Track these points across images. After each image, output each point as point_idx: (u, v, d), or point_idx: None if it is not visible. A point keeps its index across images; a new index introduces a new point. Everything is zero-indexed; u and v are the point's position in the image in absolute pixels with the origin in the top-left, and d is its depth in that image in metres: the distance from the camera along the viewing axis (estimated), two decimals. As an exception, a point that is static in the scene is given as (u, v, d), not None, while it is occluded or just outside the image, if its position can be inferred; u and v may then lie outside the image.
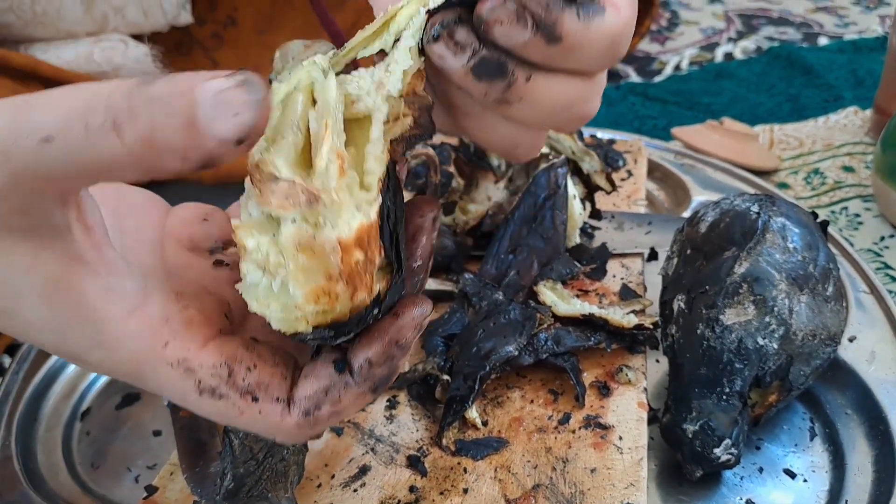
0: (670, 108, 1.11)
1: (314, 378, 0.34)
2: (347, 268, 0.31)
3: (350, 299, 0.32)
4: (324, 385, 0.34)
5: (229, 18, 0.84)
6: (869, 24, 1.38)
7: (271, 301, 0.32)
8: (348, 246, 0.31)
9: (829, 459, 0.57)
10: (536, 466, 0.54)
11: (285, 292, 0.32)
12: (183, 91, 0.27)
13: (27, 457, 0.59)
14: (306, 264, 0.31)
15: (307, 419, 0.34)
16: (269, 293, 0.32)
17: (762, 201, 0.58)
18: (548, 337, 0.60)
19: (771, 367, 0.54)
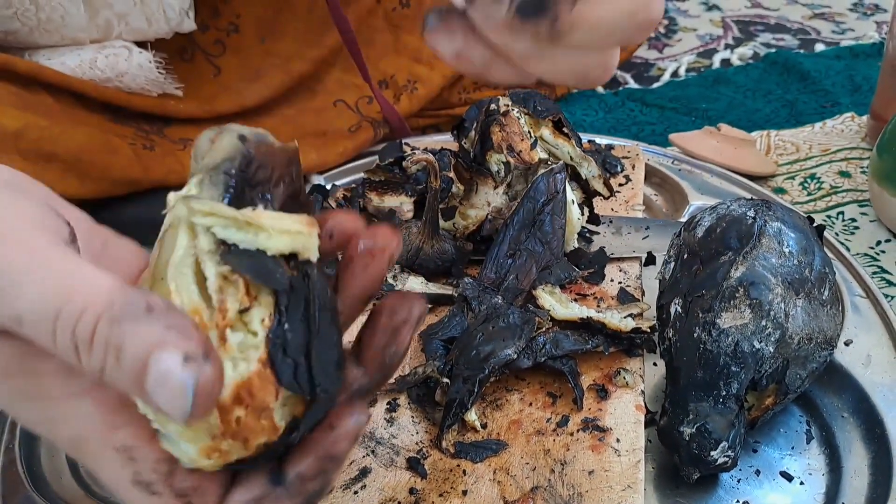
0: (668, 113, 1.11)
1: (247, 487, 0.34)
2: (229, 427, 0.32)
3: (244, 448, 0.33)
4: (255, 496, 0.34)
5: (232, 25, 0.85)
6: (865, 31, 1.38)
7: (175, 448, 0.33)
8: (224, 406, 0.32)
9: (826, 462, 0.57)
10: (535, 469, 0.54)
11: (180, 447, 0.33)
12: (138, 355, 0.29)
13: (31, 460, 0.59)
14: (189, 427, 0.32)
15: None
16: (173, 443, 0.33)
17: (758, 206, 0.58)
18: (546, 340, 0.60)
19: (767, 371, 0.54)
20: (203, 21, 0.82)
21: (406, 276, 0.70)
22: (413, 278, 0.70)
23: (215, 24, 0.84)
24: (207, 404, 0.29)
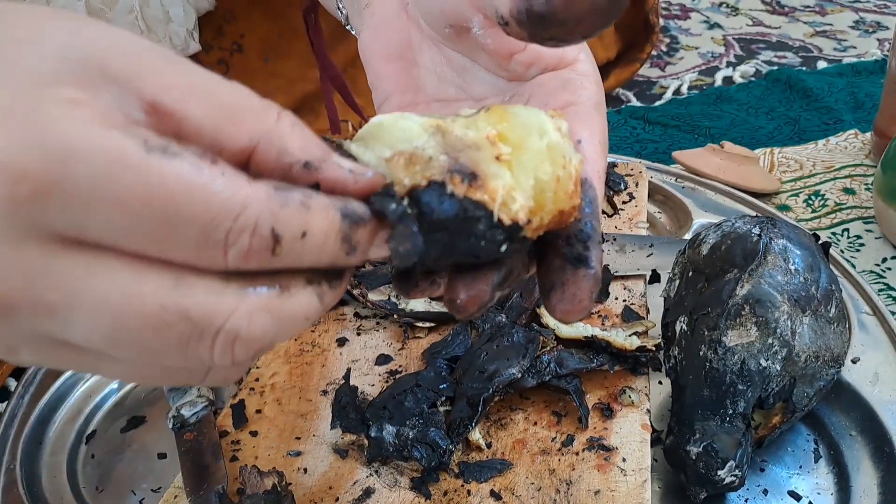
0: (671, 131, 1.11)
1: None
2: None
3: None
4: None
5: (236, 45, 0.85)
6: (867, 48, 1.39)
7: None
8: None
9: (834, 481, 0.57)
10: (540, 489, 0.54)
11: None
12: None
13: (32, 480, 0.59)
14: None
15: (278, 193, 0.29)
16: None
17: (763, 223, 0.58)
18: (551, 359, 0.60)
19: (774, 389, 0.54)
20: (207, 41, 0.82)
21: (409, 294, 0.69)
22: (416, 297, 0.69)
23: (219, 43, 0.84)
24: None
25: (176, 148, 0.27)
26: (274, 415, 0.61)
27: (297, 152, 0.30)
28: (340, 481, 0.55)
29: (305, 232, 0.29)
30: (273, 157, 0.30)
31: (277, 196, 0.29)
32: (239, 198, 0.28)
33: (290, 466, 0.56)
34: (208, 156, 0.28)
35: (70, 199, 0.27)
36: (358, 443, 0.57)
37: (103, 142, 0.27)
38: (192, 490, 0.54)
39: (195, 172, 0.27)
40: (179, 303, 0.29)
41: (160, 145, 0.27)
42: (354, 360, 0.66)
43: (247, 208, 0.28)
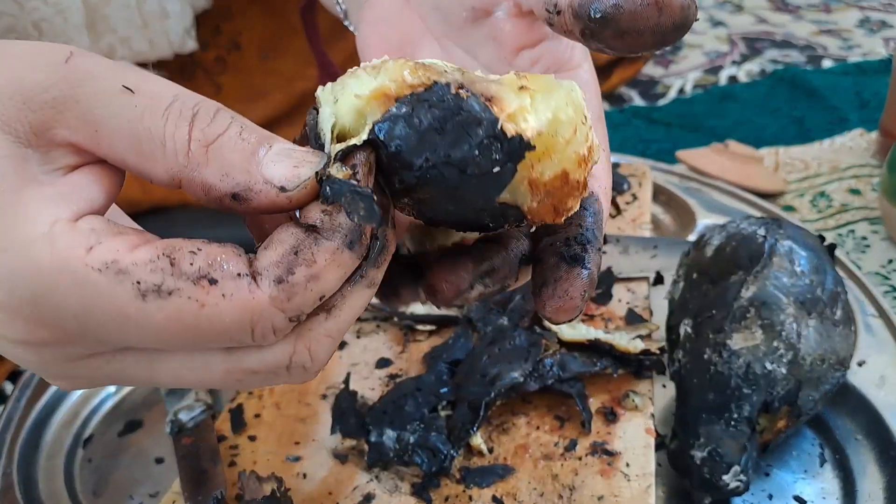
0: (675, 131, 1.11)
1: (276, 243, 0.29)
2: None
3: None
4: (290, 246, 0.29)
5: (233, 43, 0.85)
6: (873, 47, 1.38)
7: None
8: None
9: (840, 486, 0.56)
10: (543, 494, 0.53)
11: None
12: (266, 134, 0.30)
13: (29, 485, 0.59)
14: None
15: (281, 289, 0.28)
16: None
17: (769, 224, 0.58)
18: (553, 363, 0.59)
19: (779, 393, 0.53)
20: (204, 39, 0.82)
21: (410, 296, 0.69)
22: (417, 299, 0.69)
23: (216, 41, 0.84)
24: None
25: (170, 280, 0.28)
26: (273, 419, 0.60)
27: (219, 185, 0.29)
28: (340, 487, 0.54)
29: (323, 295, 0.30)
30: (202, 196, 0.30)
31: (283, 292, 0.29)
32: (247, 317, 0.29)
33: (289, 472, 0.56)
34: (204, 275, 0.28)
35: (98, 342, 0.30)
36: (358, 448, 0.57)
37: (99, 300, 0.28)
38: (190, 495, 0.53)
39: (196, 308, 0.28)
40: (240, 365, 0.31)
41: (153, 285, 0.28)
42: (354, 363, 0.65)
43: (259, 321, 0.29)
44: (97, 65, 0.29)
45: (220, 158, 0.29)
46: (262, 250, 0.29)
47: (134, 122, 0.29)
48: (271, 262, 0.29)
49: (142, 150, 0.29)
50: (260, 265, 0.29)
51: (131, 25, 0.74)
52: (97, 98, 0.29)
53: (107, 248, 0.28)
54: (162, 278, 0.28)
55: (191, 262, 0.28)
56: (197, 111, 0.29)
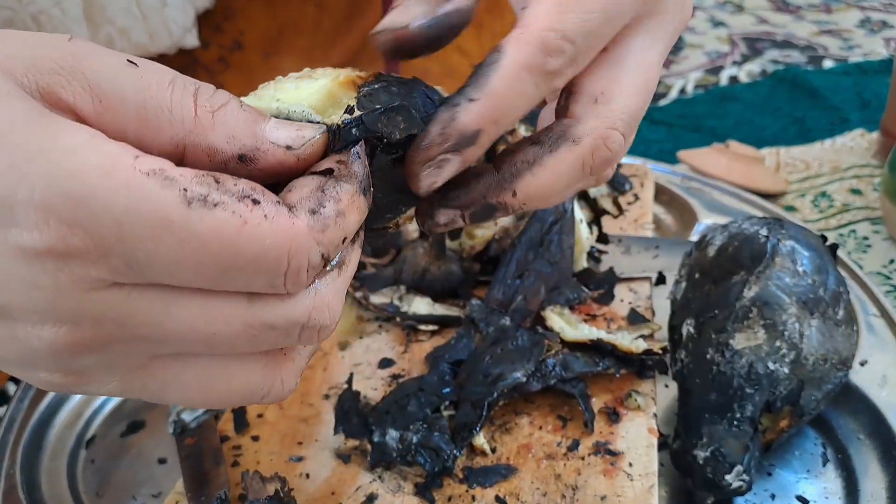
0: (676, 131, 1.11)
1: (300, 186, 0.30)
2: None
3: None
4: (315, 185, 0.30)
5: (235, 42, 0.84)
6: (874, 47, 1.38)
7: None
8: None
9: (843, 486, 0.56)
10: (546, 494, 0.53)
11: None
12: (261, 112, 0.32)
13: (32, 486, 0.59)
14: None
15: (316, 219, 0.29)
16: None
17: (771, 224, 0.58)
18: (556, 363, 0.59)
19: (782, 392, 0.53)
20: (205, 38, 0.82)
21: (412, 297, 0.69)
22: (419, 299, 0.69)
23: (218, 40, 0.84)
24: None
25: (216, 194, 0.28)
26: (276, 419, 0.60)
27: (226, 147, 0.30)
28: (343, 487, 0.55)
29: (345, 237, 0.31)
30: (205, 160, 0.30)
31: (318, 223, 0.29)
32: (286, 242, 0.29)
33: (292, 472, 0.56)
34: (248, 195, 0.28)
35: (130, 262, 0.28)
36: (361, 448, 0.57)
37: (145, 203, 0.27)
38: (193, 496, 0.53)
39: (239, 223, 0.28)
40: (260, 318, 0.30)
41: (199, 194, 0.28)
42: (357, 363, 0.65)
43: (297, 252, 0.29)
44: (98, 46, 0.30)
45: (226, 124, 0.30)
46: (287, 193, 0.30)
47: (140, 92, 0.29)
48: (302, 196, 0.30)
49: (147, 119, 0.29)
50: (290, 198, 0.30)
51: (129, 16, 0.74)
52: (103, 70, 0.29)
53: (153, 158, 0.28)
54: (208, 190, 0.28)
55: (234, 183, 0.29)
56: (198, 87, 0.30)
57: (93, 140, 0.27)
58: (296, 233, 0.29)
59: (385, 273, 0.72)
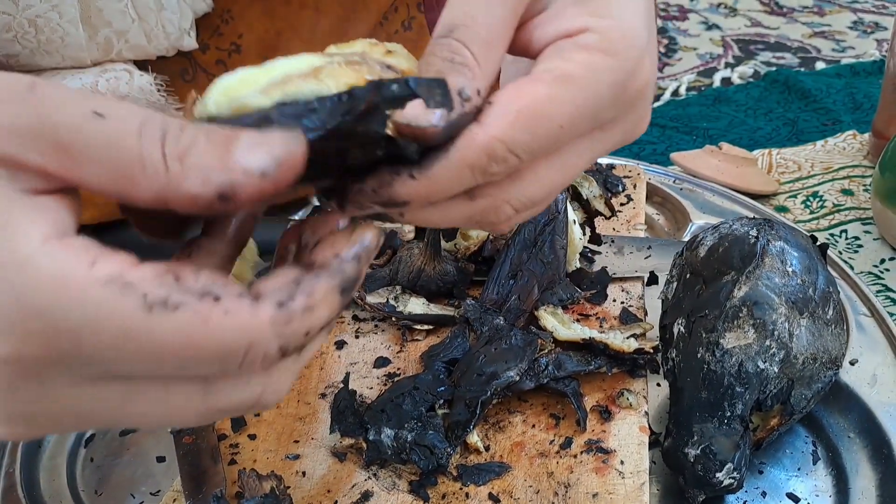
0: (669, 132, 1.12)
1: (278, 274, 0.30)
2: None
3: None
4: (293, 277, 0.30)
5: (234, 45, 0.85)
6: (866, 49, 1.39)
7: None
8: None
9: (833, 483, 0.57)
10: (538, 491, 0.54)
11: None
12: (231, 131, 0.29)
13: (31, 484, 0.59)
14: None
15: (282, 313, 0.29)
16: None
17: (761, 225, 0.58)
18: (549, 362, 0.60)
19: (772, 391, 0.54)
20: (204, 41, 0.82)
21: (407, 297, 0.69)
22: (414, 299, 0.69)
23: (217, 43, 0.84)
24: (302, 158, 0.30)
25: (176, 295, 0.28)
26: (272, 418, 0.61)
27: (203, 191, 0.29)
28: (339, 484, 0.55)
29: (308, 331, 0.30)
30: (193, 208, 0.29)
31: (282, 317, 0.29)
32: (245, 336, 0.29)
33: (288, 470, 0.56)
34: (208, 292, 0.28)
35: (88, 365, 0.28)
36: (356, 446, 0.57)
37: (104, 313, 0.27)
38: (191, 494, 0.54)
39: (199, 323, 0.28)
40: (214, 407, 0.31)
41: (159, 298, 0.27)
42: (353, 362, 0.66)
43: (254, 344, 0.29)
44: (63, 92, 0.29)
45: (196, 166, 0.29)
46: (262, 281, 0.30)
47: (109, 147, 0.28)
48: (274, 286, 0.29)
49: (122, 174, 0.28)
50: (262, 288, 0.29)
51: (126, 18, 0.74)
52: (69, 125, 0.28)
53: (109, 263, 0.28)
54: (168, 292, 0.28)
55: (195, 280, 0.28)
56: (166, 130, 0.29)
57: (45, 246, 0.27)
58: (256, 325, 0.29)
59: (381, 273, 0.72)
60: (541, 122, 0.36)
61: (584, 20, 0.38)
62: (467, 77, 0.36)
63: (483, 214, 0.38)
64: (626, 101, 0.40)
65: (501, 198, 0.38)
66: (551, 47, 0.38)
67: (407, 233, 0.75)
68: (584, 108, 0.37)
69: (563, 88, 0.37)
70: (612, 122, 0.40)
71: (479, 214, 0.38)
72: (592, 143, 0.40)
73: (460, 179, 0.35)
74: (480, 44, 0.37)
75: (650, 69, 0.41)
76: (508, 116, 0.35)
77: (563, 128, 0.37)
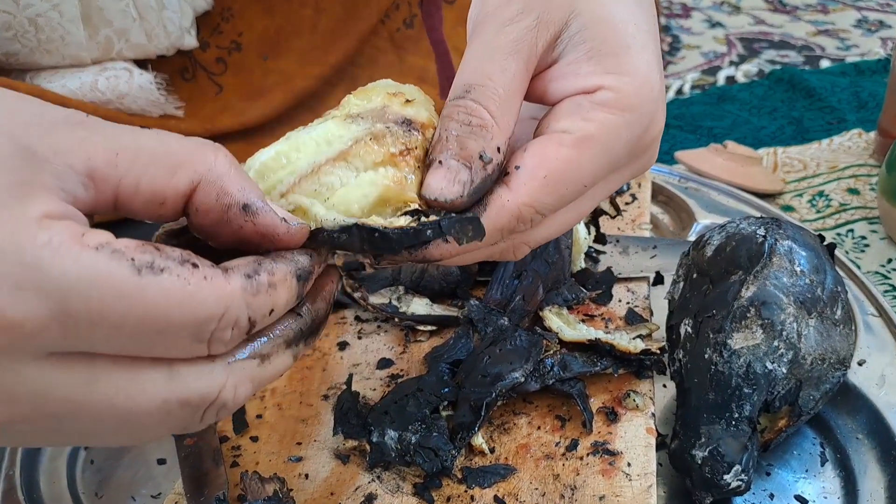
0: (673, 131, 1.11)
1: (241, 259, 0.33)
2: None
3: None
4: (254, 258, 0.34)
5: (234, 44, 0.85)
6: (871, 47, 1.38)
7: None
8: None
9: (841, 485, 0.56)
10: (544, 494, 0.53)
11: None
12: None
13: (31, 486, 0.59)
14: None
15: (250, 282, 0.32)
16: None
17: (768, 224, 0.58)
18: (554, 363, 0.59)
19: (780, 392, 0.53)
20: (204, 39, 0.82)
21: (411, 297, 0.69)
22: (417, 300, 0.69)
23: (217, 41, 0.84)
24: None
25: (160, 260, 0.30)
26: (275, 420, 0.60)
27: (237, 194, 0.33)
28: (342, 487, 0.55)
29: (273, 309, 0.33)
30: (212, 198, 0.33)
31: (251, 286, 0.32)
32: (222, 300, 0.31)
33: (291, 472, 0.56)
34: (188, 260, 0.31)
35: (70, 330, 0.29)
36: (360, 448, 0.57)
37: (96, 273, 0.29)
38: (193, 496, 0.53)
39: (182, 285, 0.30)
40: (178, 393, 0.32)
41: (146, 262, 0.30)
42: (356, 364, 0.66)
43: (229, 308, 0.31)
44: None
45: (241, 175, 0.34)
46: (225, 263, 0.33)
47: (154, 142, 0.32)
48: (239, 263, 0.33)
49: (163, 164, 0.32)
50: (229, 264, 0.32)
51: (127, 17, 0.74)
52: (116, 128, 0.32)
53: (97, 235, 0.29)
54: (153, 258, 0.30)
55: (172, 250, 0.31)
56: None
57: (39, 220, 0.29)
58: (229, 293, 0.31)
59: (383, 274, 0.72)
60: (566, 185, 0.39)
61: (601, 78, 0.41)
62: (486, 138, 0.38)
63: (502, 254, 0.43)
64: (640, 148, 0.43)
65: (521, 241, 0.42)
66: (568, 102, 0.41)
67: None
68: (605, 165, 0.40)
69: (586, 151, 0.39)
70: (625, 167, 0.43)
71: (497, 254, 0.42)
72: (606, 185, 0.43)
73: (490, 240, 0.39)
74: (497, 102, 0.39)
75: (662, 115, 0.44)
76: (536, 181, 0.38)
77: (587, 186, 0.40)
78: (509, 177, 0.39)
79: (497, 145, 0.38)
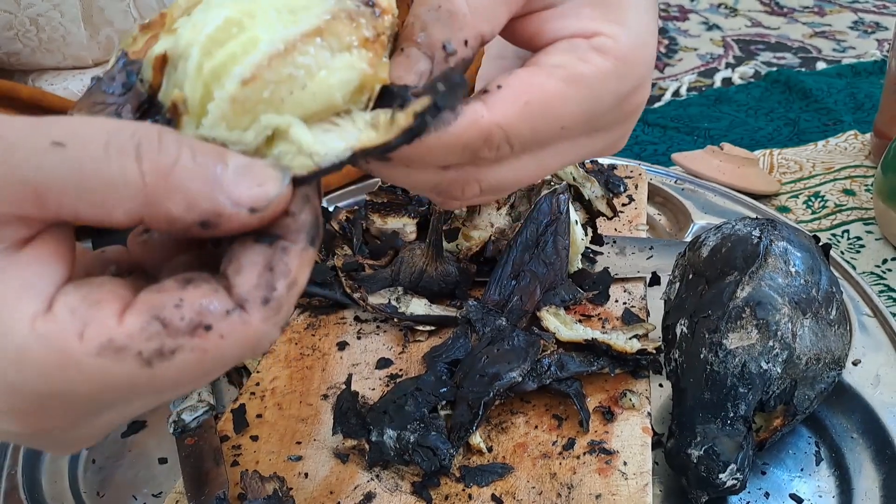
0: (670, 133, 1.11)
1: (248, 266, 0.29)
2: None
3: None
4: (262, 264, 0.29)
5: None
6: (867, 49, 1.39)
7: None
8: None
9: (836, 484, 0.57)
10: (541, 493, 0.53)
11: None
12: (216, 150, 0.28)
13: (33, 486, 0.59)
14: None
15: (270, 307, 0.29)
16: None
17: (763, 225, 0.58)
18: (551, 362, 0.60)
19: (775, 392, 0.54)
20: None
21: (409, 298, 0.69)
22: (416, 300, 0.69)
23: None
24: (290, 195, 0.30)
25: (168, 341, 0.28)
26: (275, 419, 0.61)
27: (185, 215, 0.28)
28: (341, 486, 0.55)
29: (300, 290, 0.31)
30: (164, 228, 0.28)
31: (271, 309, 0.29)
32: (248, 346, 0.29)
33: (290, 471, 0.56)
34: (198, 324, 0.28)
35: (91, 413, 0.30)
36: (359, 447, 0.57)
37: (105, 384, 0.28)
38: (193, 495, 0.54)
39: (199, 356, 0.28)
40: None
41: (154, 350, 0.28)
42: (355, 363, 0.66)
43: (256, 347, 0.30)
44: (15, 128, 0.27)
45: (181, 189, 0.27)
46: (234, 275, 0.29)
47: (75, 175, 0.27)
48: (251, 285, 0.29)
49: (94, 201, 0.27)
50: (242, 292, 0.28)
51: (128, 17, 0.74)
52: (28, 163, 0.27)
53: (96, 328, 0.27)
54: (161, 342, 0.27)
55: (181, 318, 0.28)
56: (140, 141, 0.27)
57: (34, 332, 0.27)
58: (252, 333, 0.29)
59: (383, 274, 0.72)
60: (545, 119, 0.36)
61: (601, 25, 0.37)
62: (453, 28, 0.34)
63: (449, 186, 0.37)
64: (622, 113, 0.40)
65: (473, 176, 0.37)
66: (564, 43, 0.38)
67: (409, 234, 0.74)
68: (587, 112, 0.37)
69: (574, 89, 0.36)
70: (601, 130, 0.40)
71: (445, 184, 0.37)
72: (575, 148, 0.39)
73: (449, 154, 0.35)
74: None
75: (649, 84, 0.40)
76: (516, 105, 0.35)
77: (564, 129, 0.37)
78: (489, 94, 0.35)
79: (465, 38, 0.34)
